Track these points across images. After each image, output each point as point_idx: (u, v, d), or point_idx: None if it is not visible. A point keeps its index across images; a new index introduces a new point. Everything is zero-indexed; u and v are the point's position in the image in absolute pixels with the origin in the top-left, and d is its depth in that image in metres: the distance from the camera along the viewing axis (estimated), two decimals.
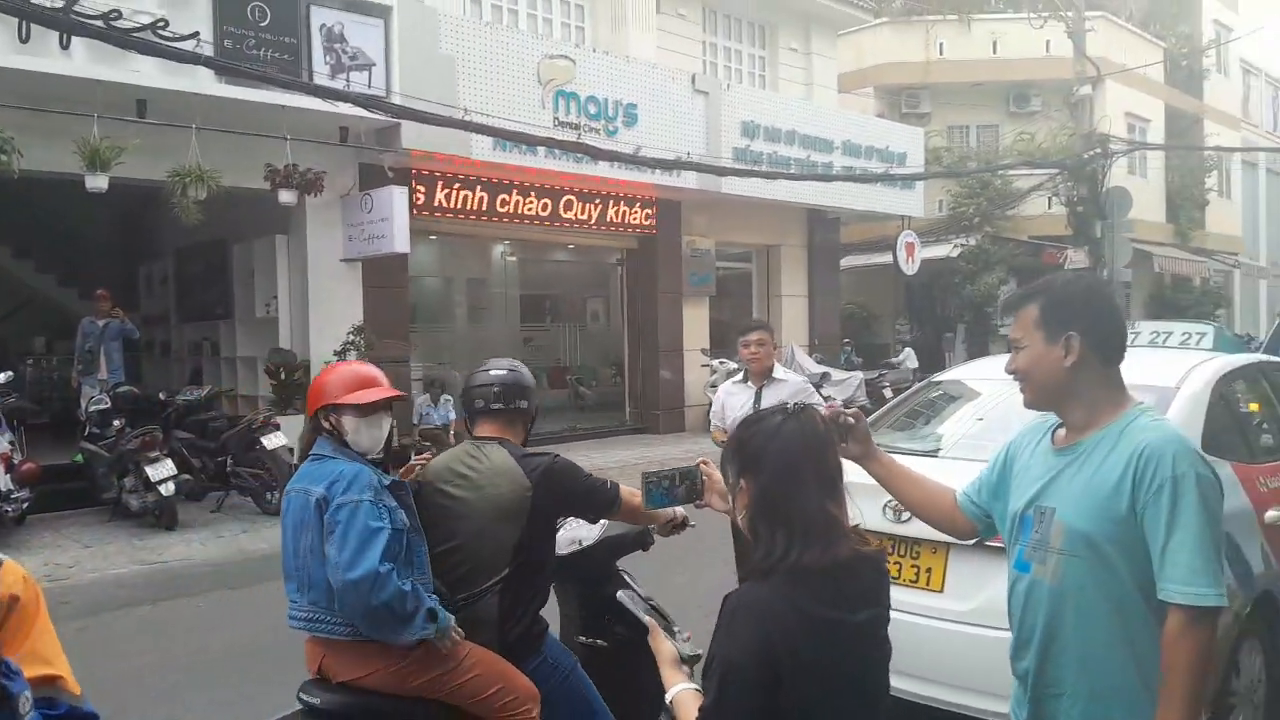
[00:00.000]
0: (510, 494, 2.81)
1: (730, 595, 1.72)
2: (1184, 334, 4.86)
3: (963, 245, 19.50)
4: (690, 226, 14.79)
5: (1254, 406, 4.43)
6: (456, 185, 11.85)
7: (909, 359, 18.39)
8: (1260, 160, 30.68)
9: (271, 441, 8.97)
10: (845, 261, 19.07)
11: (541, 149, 10.98)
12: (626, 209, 13.79)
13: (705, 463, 2.49)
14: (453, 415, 11.98)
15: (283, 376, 10.47)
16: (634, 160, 11.30)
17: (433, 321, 14.21)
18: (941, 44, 20.63)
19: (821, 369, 15.75)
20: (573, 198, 13.06)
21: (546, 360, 15.62)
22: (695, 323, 15.13)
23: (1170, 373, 4.05)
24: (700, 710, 1.69)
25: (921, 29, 20.63)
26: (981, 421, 4.44)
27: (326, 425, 2.81)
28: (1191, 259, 23.70)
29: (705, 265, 15.20)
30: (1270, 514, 3.77)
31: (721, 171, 12.66)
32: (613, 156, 11.17)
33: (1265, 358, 5.07)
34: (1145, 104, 22.64)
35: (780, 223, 16.32)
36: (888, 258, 17.53)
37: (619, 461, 10.95)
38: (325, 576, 2.61)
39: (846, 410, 2.31)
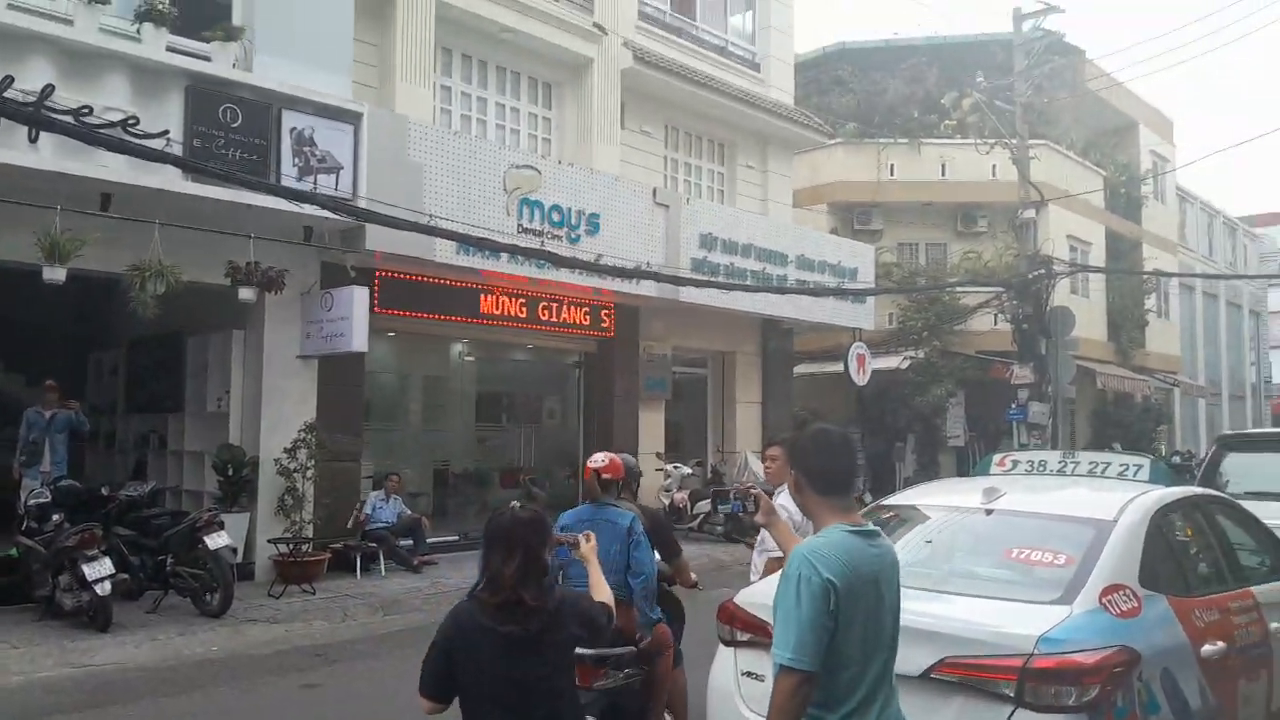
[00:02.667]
0: None
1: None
2: (1122, 465, 5.03)
3: (912, 358, 19.95)
4: (648, 332, 15.01)
5: (1189, 536, 4.58)
6: (418, 285, 11.96)
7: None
8: (1197, 284, 32.02)
9: (214, 541, 8.77)
10: (799, 369, 19.39)
11: (504, 254, 11.17)
12: (586, 313, 13.98)
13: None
14: (405, 511, 11.84)
15: (230, 473, 10.31)
16: (595, 268, 11.54)
17: (387, 419, 14.12)
18: (892, 165, 21.49)
19: None
20: (533, 301, 13.22)
21: (500, 460, 15.55)
22: (651, 426, 15.22)
23: (1109, 505, 4.19)
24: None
25: (873, 150, 21.49)
26: (930, 545, 4.53)
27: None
28: (1133, 377, 24.43)
29: (662, 370, 15.37)
30: (1207, 648, 3.85)
31: (679, 281, 12.97)
32: (574, 264, 11.41)
33: (1200, 490, 5.24)
34: (1086, 228, 23.64)
35: (736, 331, 16.62)
36: (840, 367, 17.88)
37: None
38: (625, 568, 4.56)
39: (753, 490, 3.53)
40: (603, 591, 3.36)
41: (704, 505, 15.00)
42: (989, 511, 4.31)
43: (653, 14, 15.55)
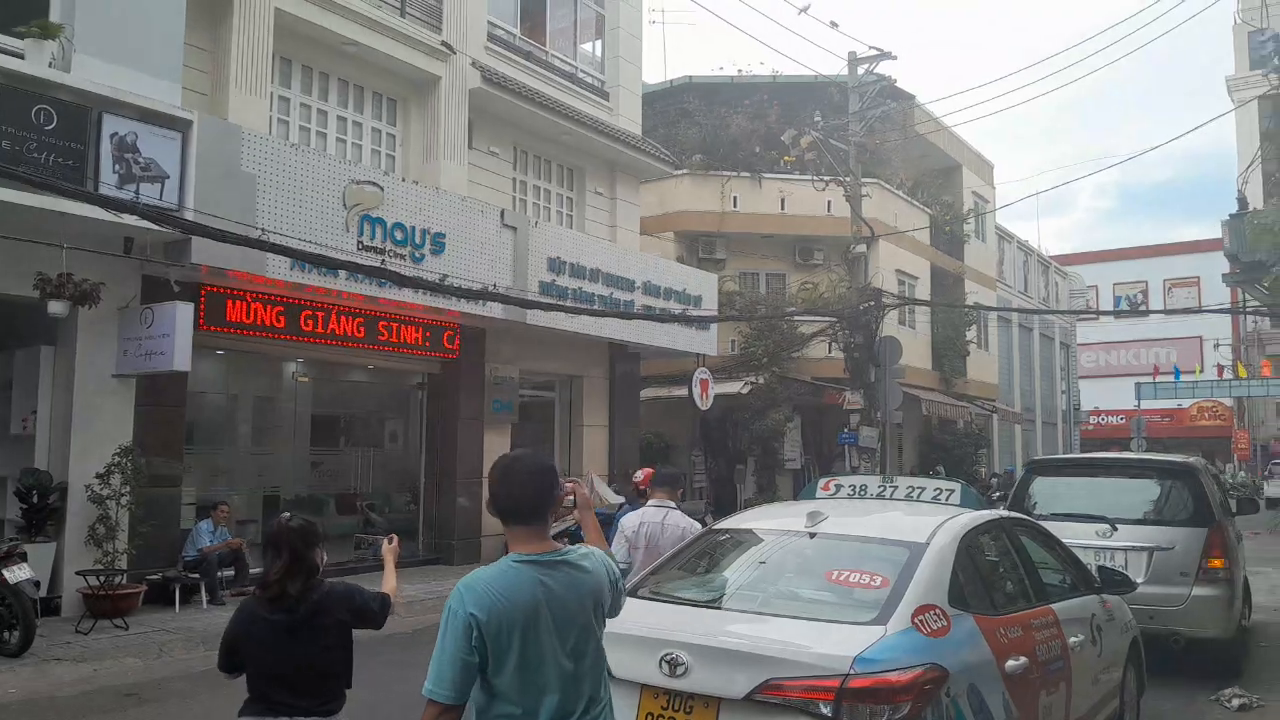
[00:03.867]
0: None
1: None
2: (936, 489, 5.32)
3: (752, 383, 20.53)
4: (495, 354, 14.88)
5: (994, 559, 4.87)
6: (249, 302, 11.45)
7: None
8: (1014, 318, 34.37)
9: (14, 574, 8.09)
10: (645, 393, 19.64)
11: (343, 272, 10.84)
12: (430, 334, 13.72)
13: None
14: (227, 537, 11.26)
15: (35, 500, 9.53)
16: (439, 288, 11.35)
17: (212, 442, 13.43)
18: (735, 197, 22.16)
19: (620, 499, 15.95)
20: (373, 321, 12.88)
21: (336, 485, 15.03)
22: (496, 450, 14.99)
23: (922, 529, 4.41)
24: None
25: (718, 182, 22.10)
26: (759, 567, 4.65)
27: None
28: (955, 404, 25.95)
29: (509, 393, 15.25)
30: (1010, 663, 4.09)
31: (527, 304, 12.92)
32: (417, 284, 11.19)
33: (1006, 513, 5.59)
34: (914, 263, 25.03)
35: (584, 354, 16.69)
36: (685, 391, 18.22)
37: (406, 596, 10.52)
38: None
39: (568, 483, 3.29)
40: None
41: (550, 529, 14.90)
42: (812, 535, 4.47)
43: (503, 36, 15.54)
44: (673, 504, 5.97)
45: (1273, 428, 44.20)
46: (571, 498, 3.17)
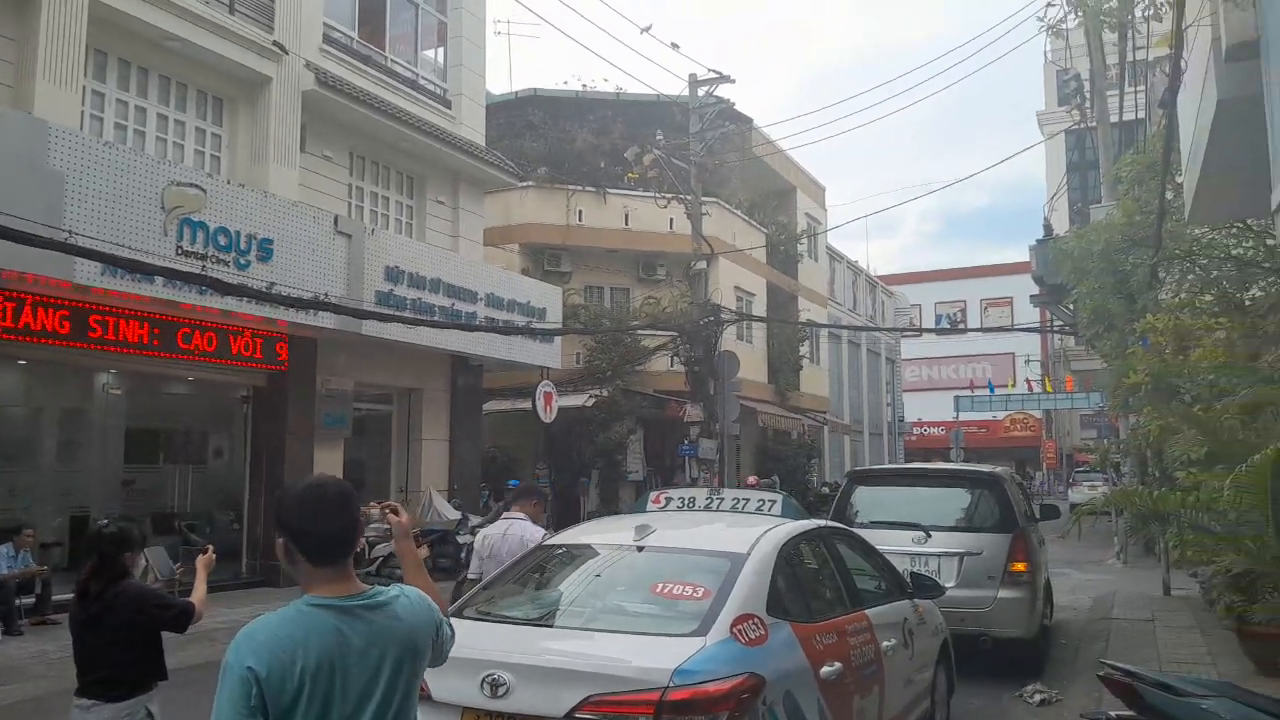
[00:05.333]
0: None
1: None
2: (760, 500, 5.48)
3: (597, 396, 20.64)
4: (328, 366, 14.36)
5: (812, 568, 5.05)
6: (53, 308, 10.64)
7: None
8: (843, 334, 35.91)
9: None
10: (488, 406, 19.42)
11: (160, 278, 10.23)
12: (255, 345, 13.11)
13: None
14: (30, 563, 10.41)
15: None
16: (266, 297, 10.88)
17: (11, 458, 12.39)
18: (580, 211, 22.28)
19: (458, 514, 15.68)
20: (193, 330, 12.19)
21: (152, 505, 14.10)
22: (328, 465, 14.48)
23: (744, 539, 4.52)
24: None
25: (564, 195, 22.16)
26: (592, 580, 4.66)
27: None
28: (789, 416, 26.88)
29: (341, 406, 14.74)
30: (825, 669, 4.25)
31: (361, 314, 12.55)
32: (241, 292, 10.69)
33: (825, 523, 5.81)
34: (751, 280, 25.81)
35: (423, 366, 16.34)
36: (529, 404, 18.11)
37: (227, 622, 9.96)
38: None
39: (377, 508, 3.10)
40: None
41: (383, 548, 14.50)
42: (640, 548, 4.52)
43: (340, 39, 15.09)
44: (522, 516, 6.09)
45: (1077, 438, 47.89)
46: (384, 525, 2.89)
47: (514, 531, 5.88)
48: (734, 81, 19.53)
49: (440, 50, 17.61)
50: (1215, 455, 6.28)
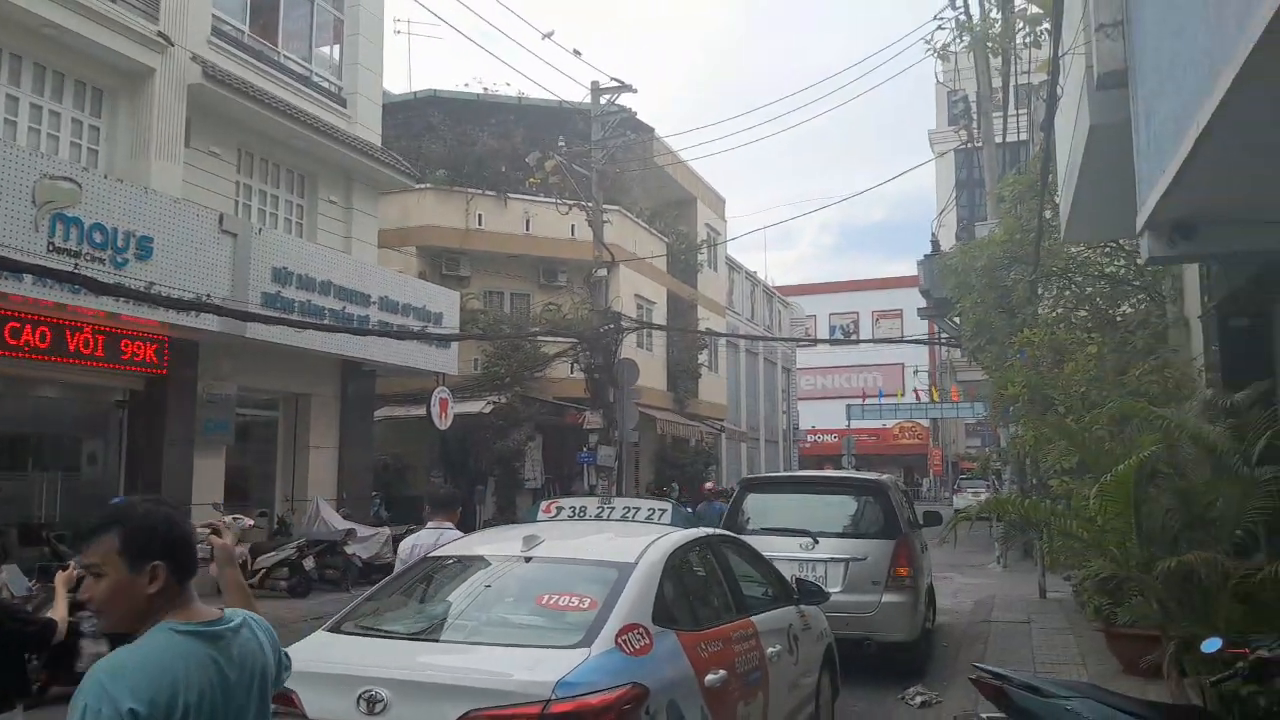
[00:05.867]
0: None
1: None
2: (649, 509, 5.50)
3: (495, 403, 20.42)
4: (210, 370, 13.80)
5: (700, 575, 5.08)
6: None
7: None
8: (741, 343, 36.41)
9: None
10: (381, 413, 18.99)
11: (30, 276, 9.68)
12: (132, 347, 12.52)
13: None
14: None
15: None
16: (144, 297, 10.40)
17: None
18: (481, 215, 22.03)
19: (347, 525, 15.27)
20: (63, 330, 11.56)
21: (17, 514, 13.31)
22: (208, 473, 13.94)
23: (632, 549, 4.52)
24: None
25: (463, 199, 21.88)
26: (478, 592, 4.57)
27: None
28: (687, 423, 27.11)
29: (224, 411, 14.19)
30: (710, 677, 4.27)
31: (246, 317, 12.12)
32: (118, 291, 10.21)
33: (713, 531, 5.85)
34: (652, 288, 25.96)
35: (312, 371, 15.87)
36: (424, 410, 17.79)
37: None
38: None
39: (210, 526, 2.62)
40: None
41: (266, 559, 14.03)
42: (528, 559, 4.47)
43: (230, 33, 14.57)
44: (450, 525, 6.10)
45: (962, 446, 49.68)
46: (207, 546, 2.47)
47: (445, 541, 5.78)
48: (636, 91, 19.69)
49: (336, 47, 17.18)
50: (1085, 464, 6.57)
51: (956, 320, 16.77)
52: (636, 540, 4.71)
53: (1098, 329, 10.19)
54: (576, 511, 5.70)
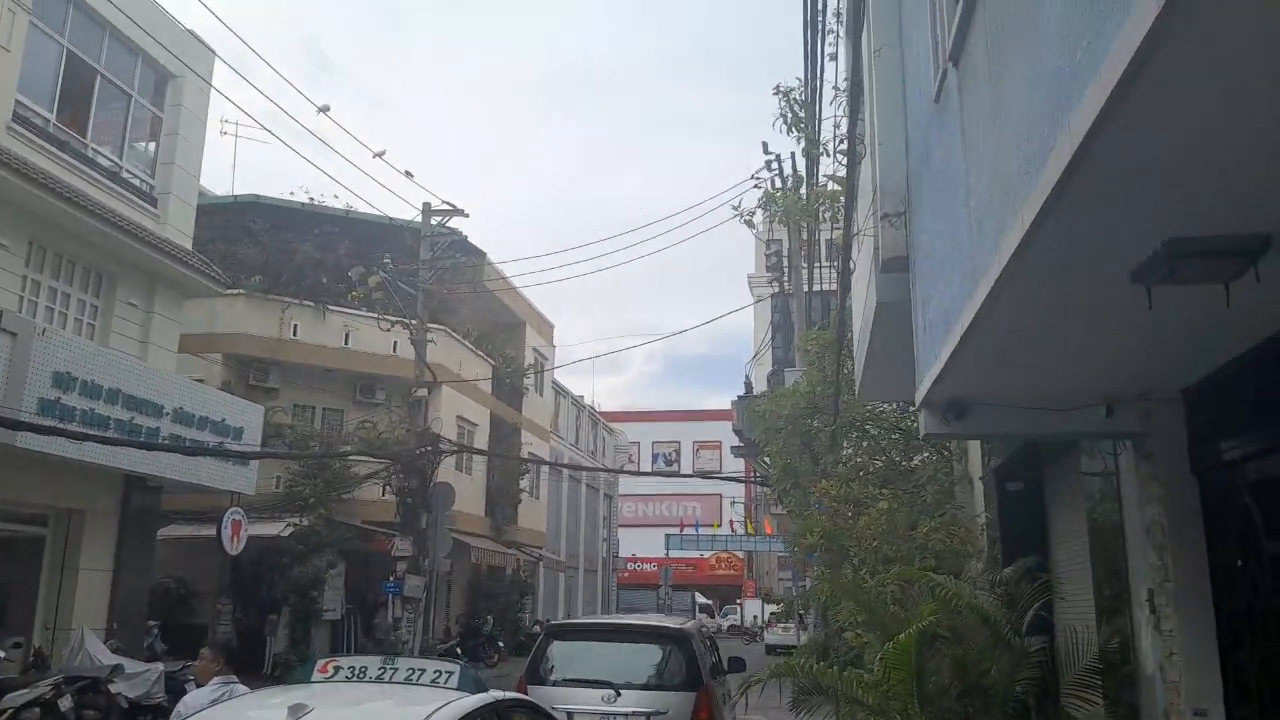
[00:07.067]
0: None
1: None
2: (436, 671, 5.17)
3: (295, 525, 19.28)
4: None
5: None
6: None
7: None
8: (564, 470, 36.24)
9: None
10: (165, 531, 17.51)
11: None
12: None
13: None
14: None
15: None
16: None
17: None
18: (296, 325, 21.26)
19: (115, 659, 13.76)
20: None
21: None
22: None
23: (415, 716, 4.23)
24: None
25: (278, 307, 21.10)
26: None
27: None
28: (504, 551, 26.45)
29: None
30: None
31: (14, 425, 11.05)
32: None
33: (502, 695, 5.55)
34: (475, 410, 25.58)
35: (90, 485, 14.51)
36: (214, 531, 16.53)
37: None
38: None
39: None
40: None
41: (15, 697, 12.42)
42: None
43: (34, 120, 13.74)
44: (234, 679, 5.88)
45: (775, 579, 50.62)
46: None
47: (238, 694, 5.43)
48: (468, 215, 19.78)
49: (152, 144, 16.49)
50: (872, 623, 6.75)
51: (767, 460, 17.29)
52: (419, 708, 4.41)
53: (892, 480, 10.69)
54: (355, 672, 5.29)
